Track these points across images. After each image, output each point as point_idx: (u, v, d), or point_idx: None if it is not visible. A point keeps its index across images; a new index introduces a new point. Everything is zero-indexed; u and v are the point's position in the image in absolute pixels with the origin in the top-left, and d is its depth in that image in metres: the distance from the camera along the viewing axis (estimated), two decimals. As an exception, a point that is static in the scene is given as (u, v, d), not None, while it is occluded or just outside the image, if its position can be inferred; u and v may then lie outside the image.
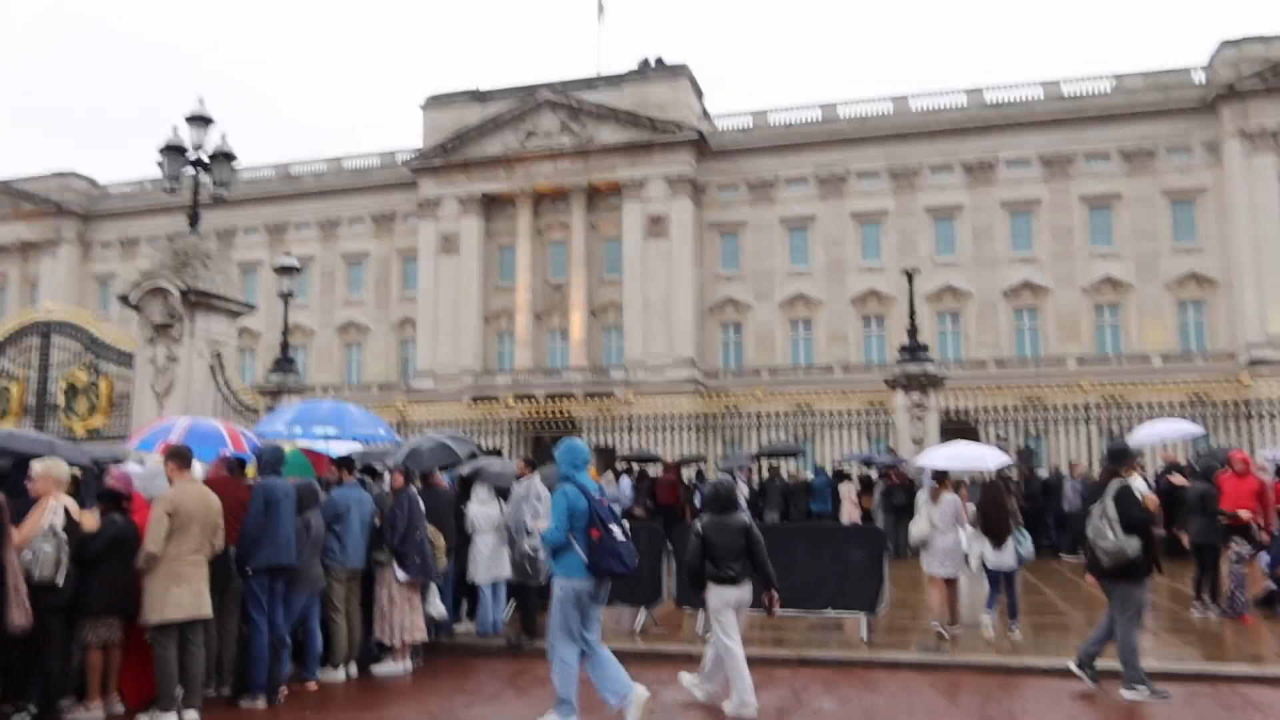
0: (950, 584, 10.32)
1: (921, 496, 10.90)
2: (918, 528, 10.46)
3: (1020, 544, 10.21)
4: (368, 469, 10.18)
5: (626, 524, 6.67)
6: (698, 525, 7.39)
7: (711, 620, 7.30)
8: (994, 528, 10.15)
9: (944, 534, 10.24)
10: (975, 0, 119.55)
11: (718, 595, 7.17)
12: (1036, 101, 42.75)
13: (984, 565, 10.28)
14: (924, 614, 11.01)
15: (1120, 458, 7.96)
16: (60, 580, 6.35)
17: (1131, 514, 7.40)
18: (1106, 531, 7.34)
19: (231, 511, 7.31)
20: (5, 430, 8.83)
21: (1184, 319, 40.30)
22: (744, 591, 7.22)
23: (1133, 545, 7.28)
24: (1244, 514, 11.01)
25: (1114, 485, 7.56)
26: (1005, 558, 10.15)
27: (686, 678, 7.58)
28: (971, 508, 10.65)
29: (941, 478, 10.72)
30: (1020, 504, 19.54)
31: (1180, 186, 40.58)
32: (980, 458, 11.38)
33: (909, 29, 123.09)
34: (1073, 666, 7.86)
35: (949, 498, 10.43)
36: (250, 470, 8.79)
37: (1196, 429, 17.87)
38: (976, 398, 22.49)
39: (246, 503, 7.54)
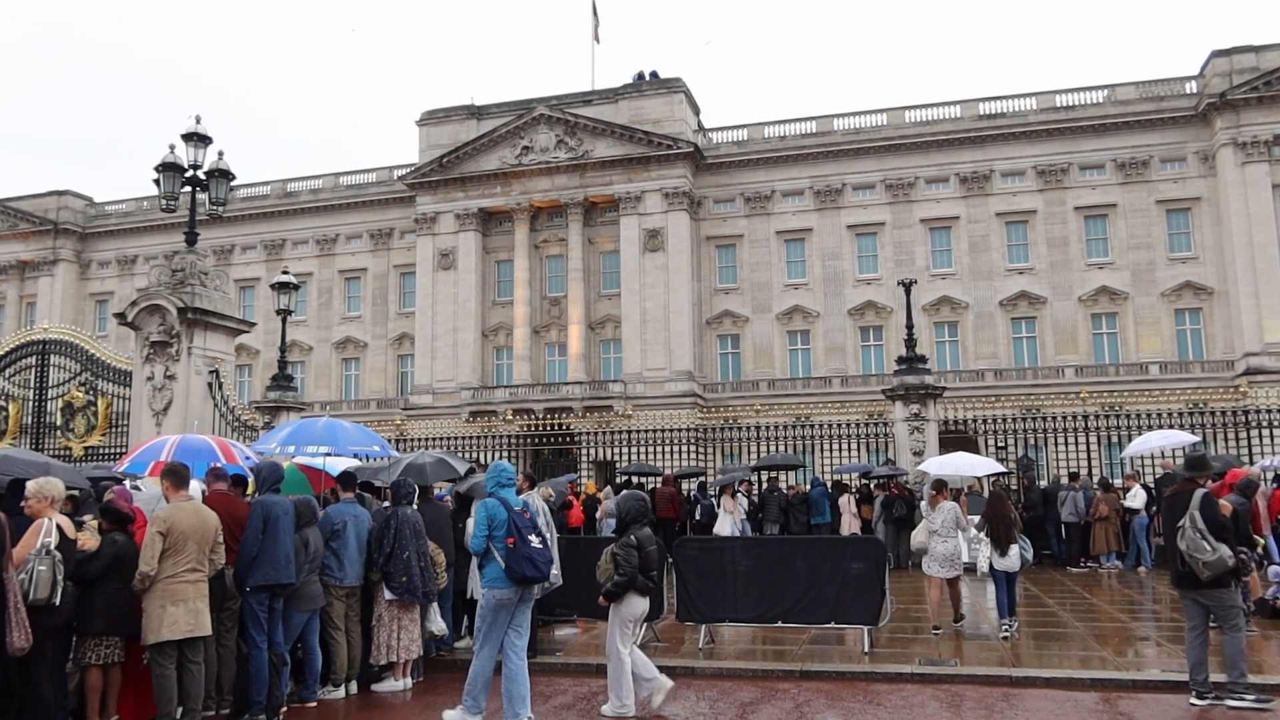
0: (952, 583, 11.07)
1: (923, 505, 11.39)
2: (917, 535, 11.08)
3: (1024, 549, 10.80)
4: (366, 485, 10.14)
5: (550, 536, 7.15)
6: (633, 537, 7.61)
7: (619, 629, 7.46)
8: (999, 535, 10.68)
9: (944, 540, 10.94)
10: (969, 13, 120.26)
11: (637, 605, 7.53)
12: (1030, 113, 42.98)
13: (990, 568, 10.83)
14: (926, 626, 10.98)
15: (1199, 466, 7.98)
16: (57, 600, 6.31)
17: (1216, 521, 7.50)
18: (1203, 544, 7.36)
19: (229, 529, 7.27)
20: (1, 451, 8.78)
21: (1181, 328, 40.40)
22: (647, 603, 7.72)
23: (1227, 553, 7.34)
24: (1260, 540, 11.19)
25: (1198, 496, 7.58)
26: (1010, 561, 10.65)
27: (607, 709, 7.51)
28: (975, 515, 11.19)
29: (940, 486, 11.34)
30: (1020, 513, 19.64)
31: (1175, 196, 40.78)
32: (972, 465, 12.32)
33: (903, 42, 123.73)
34: (1195, 701, 7.56)
35: (947, 505, 11.07)
36: (249, 487, 8.77)
37: (1192, 437, 17.89)
38: (975, 408, 22.49)
39: (245, 520, 7.50)
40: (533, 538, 6.90)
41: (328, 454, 10.34)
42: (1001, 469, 15.96)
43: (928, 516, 11.18)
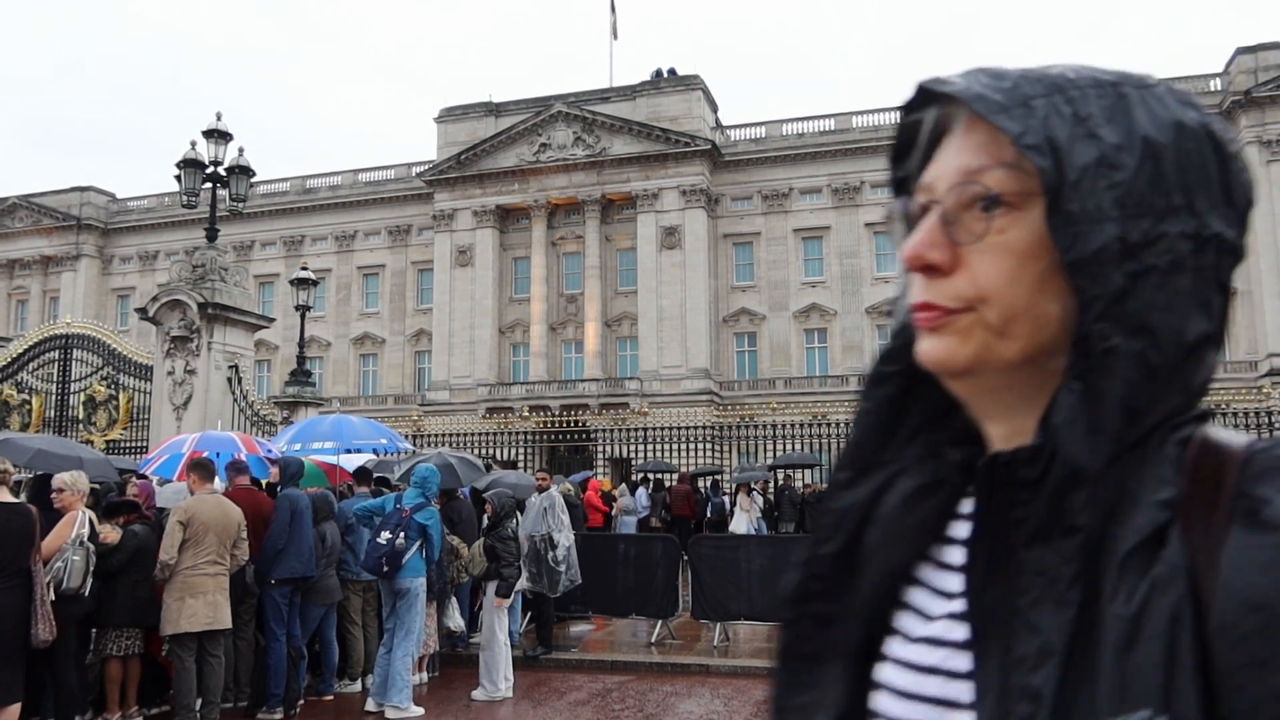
0: None
1: None
2: None
3: None
4: (382, 480, 10.20)
5: (402, 534, 7.62)
6: (509, 530, 8.28)
7: (498, 616, 8.08)
8: None
9: None
10: (990, 10, 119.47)
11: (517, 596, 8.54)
12: (1051, 110, 42.59)
13: None
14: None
15: None
16: (86, 590, 6.42)
17: None
18: None
19: (251, 525, 7.32)
20: (35, 446, 8.89)
21: (1203, 328, 39.97)
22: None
23: None
24: None
25: None
26: None
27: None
28: None
29: None
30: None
31: (1198, 194, 40.34)
32: None
33: (924, 40, 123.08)
34: None
35: None
36: (264, 482, 8.83)
37: None
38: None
39: (267, 515, 7.55)
40: (384, 533, 7.59)
41: (331, 450, 10.41)
42: None
43: None
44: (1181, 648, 0.58)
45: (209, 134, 14.40)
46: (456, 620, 9.09)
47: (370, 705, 7.55)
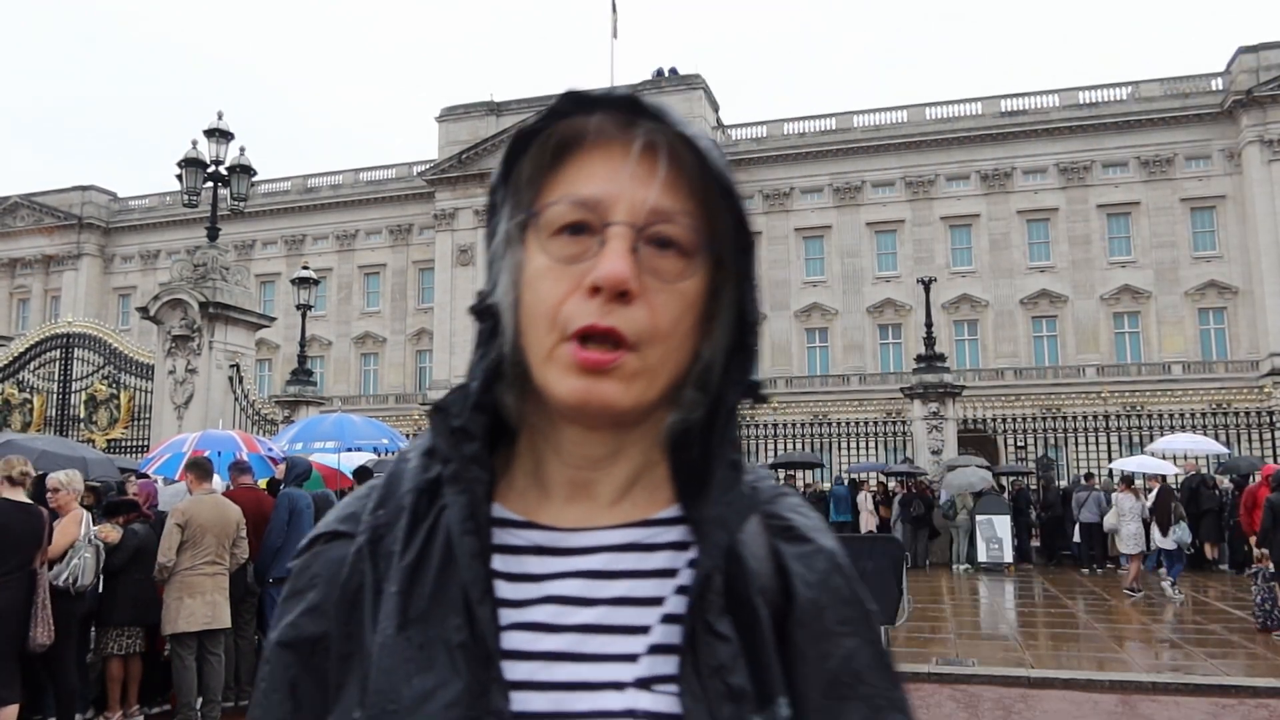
0: (1133, 558, 14.10)
1: (1115, 496, 14.70)
2: (1109, 518, 14.57)
3: (1179, 534, 13.67)
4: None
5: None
6: None
7: None
8: (1161, 520, 13.61)
9: (1129, 522, 13.96)
10: (991, 10, 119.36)
11: None
12: (1053, 110, 42.57)
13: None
14: (943, 625, 10.94)
15: None
16: (100, 587, 6.46)
17: None
18: None
19: (254, 524, 7.33)
20: (39, 448, 8.89)
21: (1204, 327, 39.93)
22: None
23: None
24: None
25: None
26: (1167, 542, 13.58)
27: None
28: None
29: (1129, 481, 14.54)
30: (1038, 513, 19.51)
31: (1199, 194, 40.28)
32: (1158, 465, 15.55)
33: (924, 38, 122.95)
34: None
35: (1132, 495, 14.23)
36: (263, 482, 8.83)
37: (1222, 448, 17.90)
38: (994, 407, 22.35)
39: (270, 514, 7.56)
40: None
41: (333, 449, 10.42)
42: (1178, 471, 17.25)
43: (1116, 504, 14.27)
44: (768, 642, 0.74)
45: (210, 133, 14.41)
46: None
47: None
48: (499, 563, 0.75)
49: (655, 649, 0.72)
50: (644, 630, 0.73)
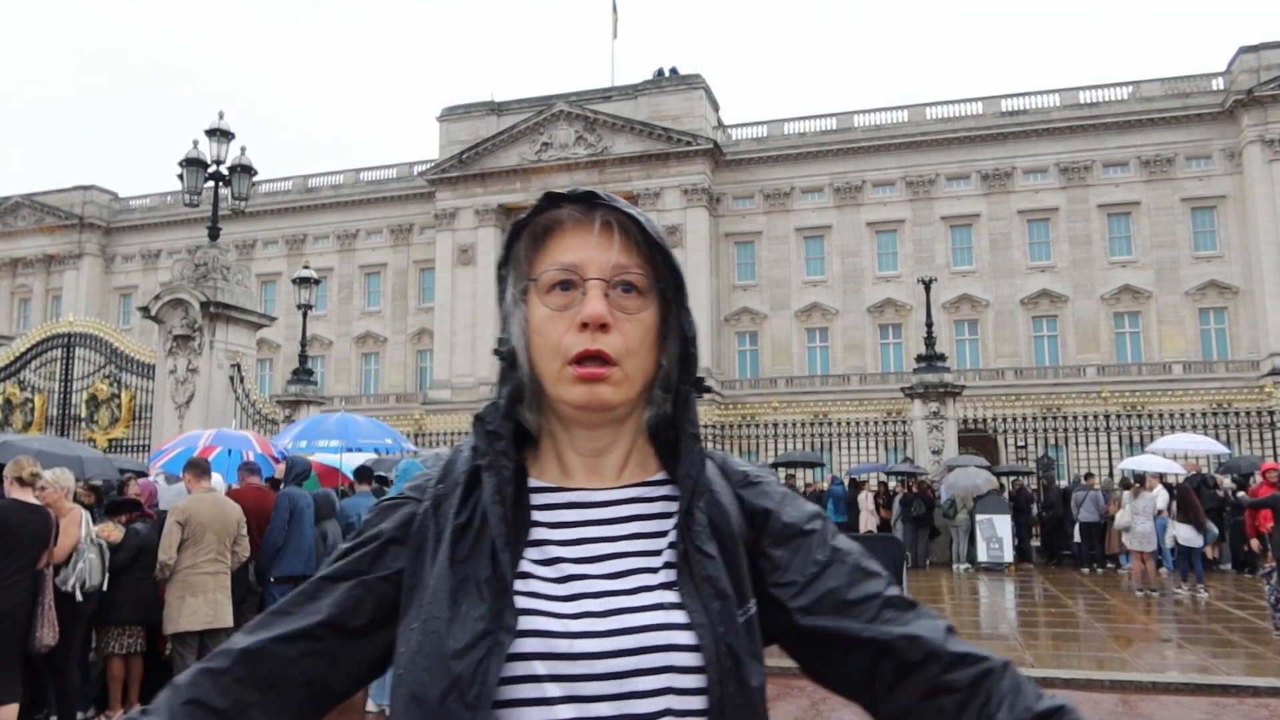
0: (1146, 557, 14.04)
1: (1126, 495, 14.65)
2: (1122, 517, 14.35)
3: (1206, 533, 14.03)
4: (382, 479, 10.22)
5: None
6: None
7: None
8: (1188, 518, 13.78)
9: (1143, 521, 13.93)
10: (991, 9, 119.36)
11: None
12: (1053, 109, 42.56)
13: (1176, 544, 14.07)
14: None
15: None
16: (105, 585, 6.45)
17: None
18: None
19: (258, 523, 7.33)
20: (35, 447, 8.89)
21: (1205, 327, 39.92)
22: None
23: None
24: None
25: None
26: (1194, 539, 13.72)
27: None
28: (1161, 500, 14.59)
29: (1141, 479, 14.58)
30: (1038, 512, 19.53)
31: (1200, 194, 40.27)
32: (1166, 465, 16.04)
33: (925, 38, 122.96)
34: None
35: (1147, 494, 14.32)
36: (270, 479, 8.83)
37: (1223, 448, 17.91)
38: (995, 407, 22.33)
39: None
40: None
41: (336, 449, 10.42)
42: (1181, 471, 17.38)
43: (1130, 503, 14.20)
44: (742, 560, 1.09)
45: (211, 133, 14.40)
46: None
47: (370, 706, 7.57)
48: (542, 515, 1.08)
49: (666, 565, 1.05)
50: (657, 554, 1.06)
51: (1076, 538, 18.15)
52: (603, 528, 1.08)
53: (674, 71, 46.43)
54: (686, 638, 1.01)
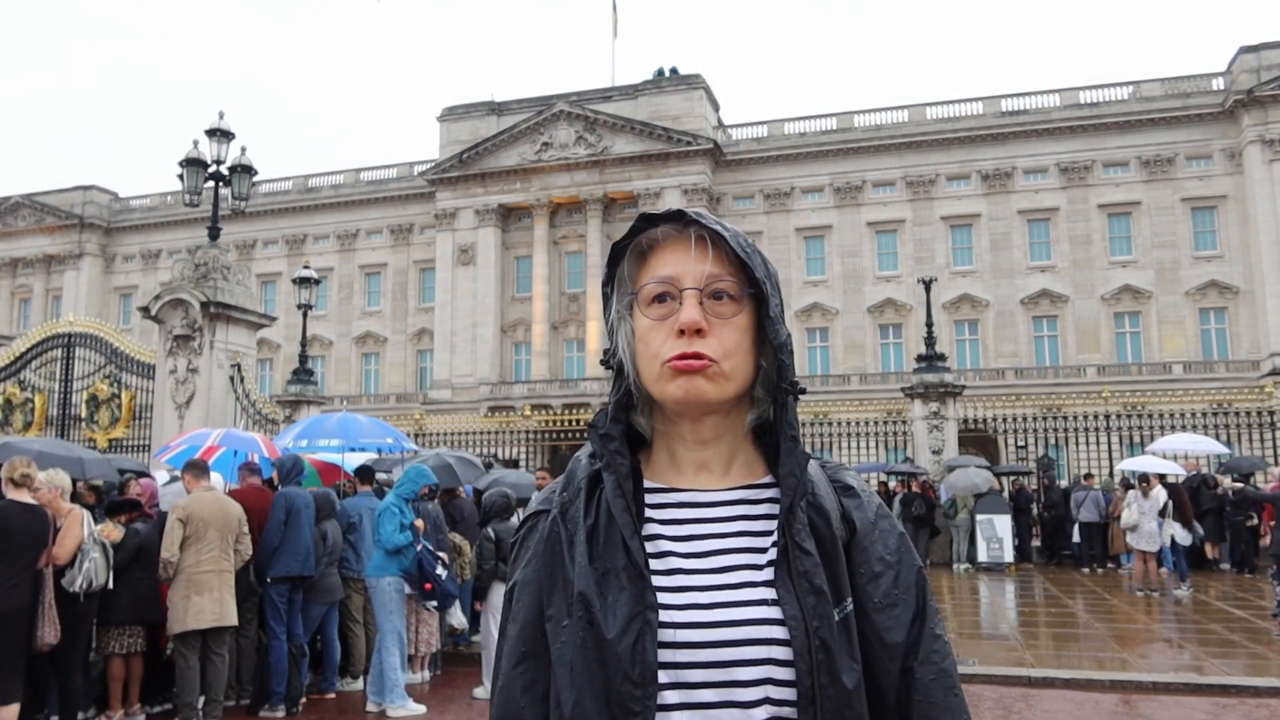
0: (1149, 557, 14.12)
1: (1132, 494, 14.58)
2: (1128, 516, 14.35)
3: (1193, 531, 14.98)
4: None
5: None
6: (490, 531, 8.00)
7: (492, 615, 7.72)
8: (1182, 517, 14.53)
9: (1149, 520, 14.07)
10: (991, 9, 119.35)
11: (498, 592, 7.83)
12: (1053, 109, 42.55)
13: (1173, 542, 14.51)
14: (945, 625, 10.93)
15: None
16: (110, 584, 6.45)
17: None
18: None
19: (259, 523, 7.32)
20: (36, 449, 8.88)
21: (1205, 327, 39.92)
22: None
23: None
24: None
25: None
26: (1184, 539, 14.59)
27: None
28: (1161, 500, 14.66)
29: (1147, 479, 14.58)
30: (1039, 512, 19.52)
31: (1200, 194, 40.26)
32: (1165, 465, 16.18)
33: (925, 38, 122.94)
34: None
35: (1154, 494, 14.36)
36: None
37: (1223, 448, 17.90)
38: (995, 407, 22.32)
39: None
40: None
41: (337, 448, 10.42)
42: (1182, 471, 17.48)
43: (1138, 502, 14.23)
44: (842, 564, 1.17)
45: (211, 133, 14.38)
46: (459, 618, 9.08)
47: (370, 706, 7.56)
48: (656, 513, 1.18)
49: (771, 563, 1.14)
50: (762, 552, 1.15)
51: (1077, 538, 18.13)
52: (711, 525, 1.17)
53: (674, 71, 46.44)
54: (782, 631, 1.09)
